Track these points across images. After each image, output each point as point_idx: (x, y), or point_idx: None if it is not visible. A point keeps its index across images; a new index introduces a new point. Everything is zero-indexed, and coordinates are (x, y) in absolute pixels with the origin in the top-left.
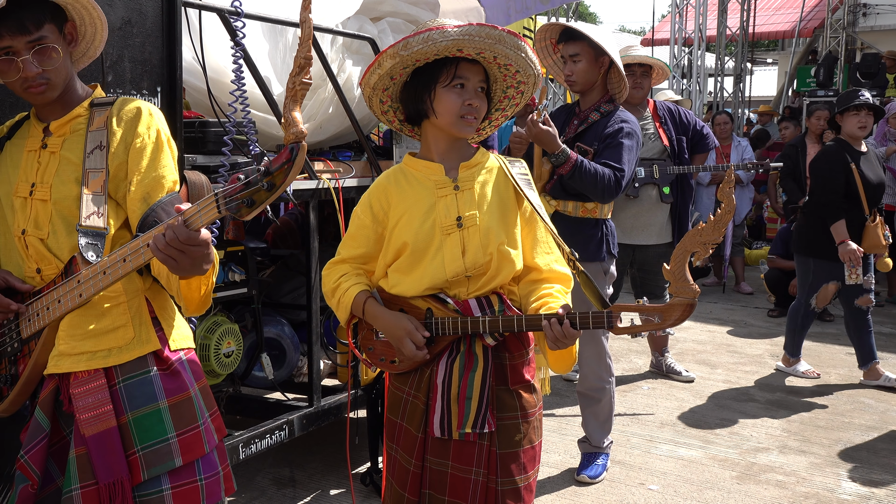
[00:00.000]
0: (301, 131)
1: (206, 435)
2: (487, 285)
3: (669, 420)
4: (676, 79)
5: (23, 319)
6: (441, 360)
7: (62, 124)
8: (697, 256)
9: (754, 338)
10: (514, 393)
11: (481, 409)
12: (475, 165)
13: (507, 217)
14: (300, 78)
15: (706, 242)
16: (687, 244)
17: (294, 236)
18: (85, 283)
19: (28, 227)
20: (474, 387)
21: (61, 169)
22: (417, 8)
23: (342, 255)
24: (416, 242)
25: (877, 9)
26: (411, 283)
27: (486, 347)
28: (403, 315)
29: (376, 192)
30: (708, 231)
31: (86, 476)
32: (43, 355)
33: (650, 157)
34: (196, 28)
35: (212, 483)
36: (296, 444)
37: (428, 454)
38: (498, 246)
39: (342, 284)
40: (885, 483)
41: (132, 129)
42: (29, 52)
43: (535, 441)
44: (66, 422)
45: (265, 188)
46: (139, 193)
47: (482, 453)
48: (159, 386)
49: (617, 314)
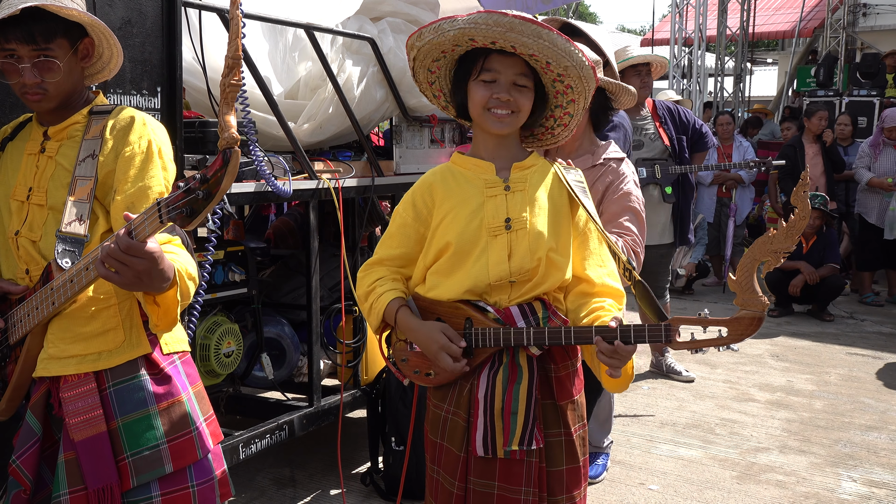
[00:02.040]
0: (233, 136)
1: (200, 440)
2: (532, 292)
3: (669, 420)
4: (676, 79)
5: (9, 325)
6: (482, 372)
7: (59, 130)
8: (767, 266)
9: (754, 338)
10: (559, 408)
11: (528, 425)
12: (529, 167)
13: (559, 223)
14: (230, 80)
15: (777, 251)
16: (756, 252)
17: (294, 236)
18: (56, 291)
19: (22, 230)
20: (520, 400)
21: (56, 174)
22: (417, 8)
23: (379, 255)
24: (460, 243)
25: (877, 9)
26: (451, 285)
27: (531, 358)
28: (438, 326)
29: (421, 189)
30: (780, 238)
31: (75, 481)
32: (28, 361)
33: (652, 156)
34: (196, 28)
35: (205, 489)
36: (296, 444)
37: (471, 475)
38: (547, 252)
39: (376, 289)
40: (885, 483)
41: (123, 138)
42: (31, 62)
43: (580, 458)
44: (58, 426)
45: (201, 197)
46: (123, 203)
47: (531, 471)
48: (149, 391)
49: (675, 327)
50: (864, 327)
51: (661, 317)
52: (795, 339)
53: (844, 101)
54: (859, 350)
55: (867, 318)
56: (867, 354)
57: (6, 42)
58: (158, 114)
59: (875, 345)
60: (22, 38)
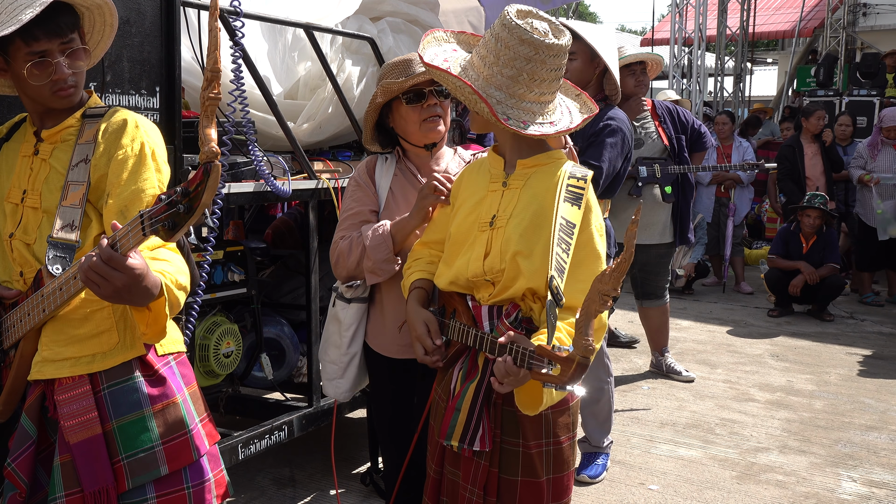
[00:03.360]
0: (213, 150)
1: (195, 441)
2: (502, 294)
3: (669, 420)
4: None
5: (2, 330)
6: (457, 364)
7: (53, 133)
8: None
9: (754, 338)
10: (518, 418)
11: (470, 424)
12: (533, 166)
13: (538, 228)
14: (209, 92)
15: (605, 294)
16: (593, 293)
17: (294, 236)
18: (46, 298)
19: (17, 232)
20: (465, 398)
21: (50, 178)
22: (417, 8)
23: (423, 238)
24: (456, 234)
25: (877, 9)
26: (442, 275)
27: (488, 360)
28: (424, 316)
29: (457, 178)
30: (605, 279)
31: (70, 484)
32: (22, 365)
33: (651, 156)
34: (195, 28)
35: (200, 491)
36: (296, 444)
37: (446, 462)
38: (514, 255)
39: (411, 268)
40: (885, 483)
41: (116, 141)
42: (63, 56)
43: (539, 476)
44: (53, 428)
45: (183, 210)
46: (116, 206)
47: (478, 472)
48: (144, 393)
49: (541, 358)
50: (864, 327)
51: (550, 340)
52: (795, 339)
53: (844, 100)
54: (859, 350)
55: (867, 318)
56: (867, 354)
57: (33, 44)
58: (157, 114)
59: (875, 345)
60: (53, 32)
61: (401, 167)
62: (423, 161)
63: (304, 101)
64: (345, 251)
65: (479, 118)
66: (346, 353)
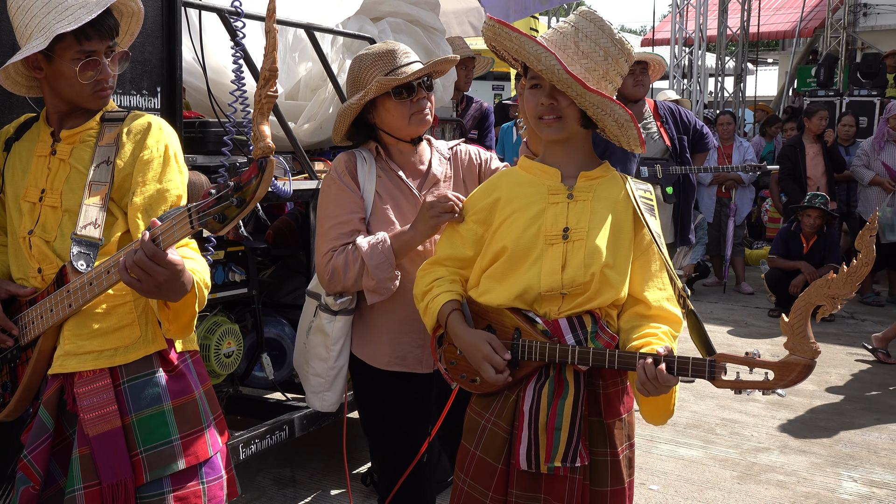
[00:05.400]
0: (268, 146)
1: (210, 438)
2: (583, 306)
3: (670, 420)
4: (677, 79)
5: (20, 327)
6: (528, 385)
7: (72, 134)
8: (822, 311)
9: (755, 338)
10: (606, 426)
11: (572, 441)
12: (597, 178)
13: (619, 239)
14: (266, 91)
15: (835, 296)
16: (812, 296)
17: (294, 236)
18: (74, 293)
19: (36, 230)
20: (564, 416)
21: (71, 177)
22: (418, 8)
23: (439, 255)
24: (515, 248)
25: (877, 9)
26: (502, 291)
27: (578, 373)
28: (484, 335)
29: (482, 191)
30: (838, 283)
31: (89, 476)
32: (40, 362)
33: (653, 156)
34: (196, 28)
35: (214, 487)
36: (296, 444)
37: (514, 488)
38: (602, 268)
39: (434, 289)
40: (885, 483)
41: (141, 142)
42: (107, 56)
43: (623, 481)
44: (70, 422)
45: (235, 204)
46: (141, 205)
47: (574, 488)
48: (164, 387)
49: (721, 364)
50: (865, 327)
51: (709, 350)
52: None
53: (845, 101)
54: (859, 350)
55: (867, 318)
56: (867, 354)
57: (86, 43)
58: (158, 114)
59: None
60: (105, 33)
61: (382, 167)
62: (405, 158)
63: (305, 101)
64: (340, 267)
65: (536, 136)
66: (333, 367)
